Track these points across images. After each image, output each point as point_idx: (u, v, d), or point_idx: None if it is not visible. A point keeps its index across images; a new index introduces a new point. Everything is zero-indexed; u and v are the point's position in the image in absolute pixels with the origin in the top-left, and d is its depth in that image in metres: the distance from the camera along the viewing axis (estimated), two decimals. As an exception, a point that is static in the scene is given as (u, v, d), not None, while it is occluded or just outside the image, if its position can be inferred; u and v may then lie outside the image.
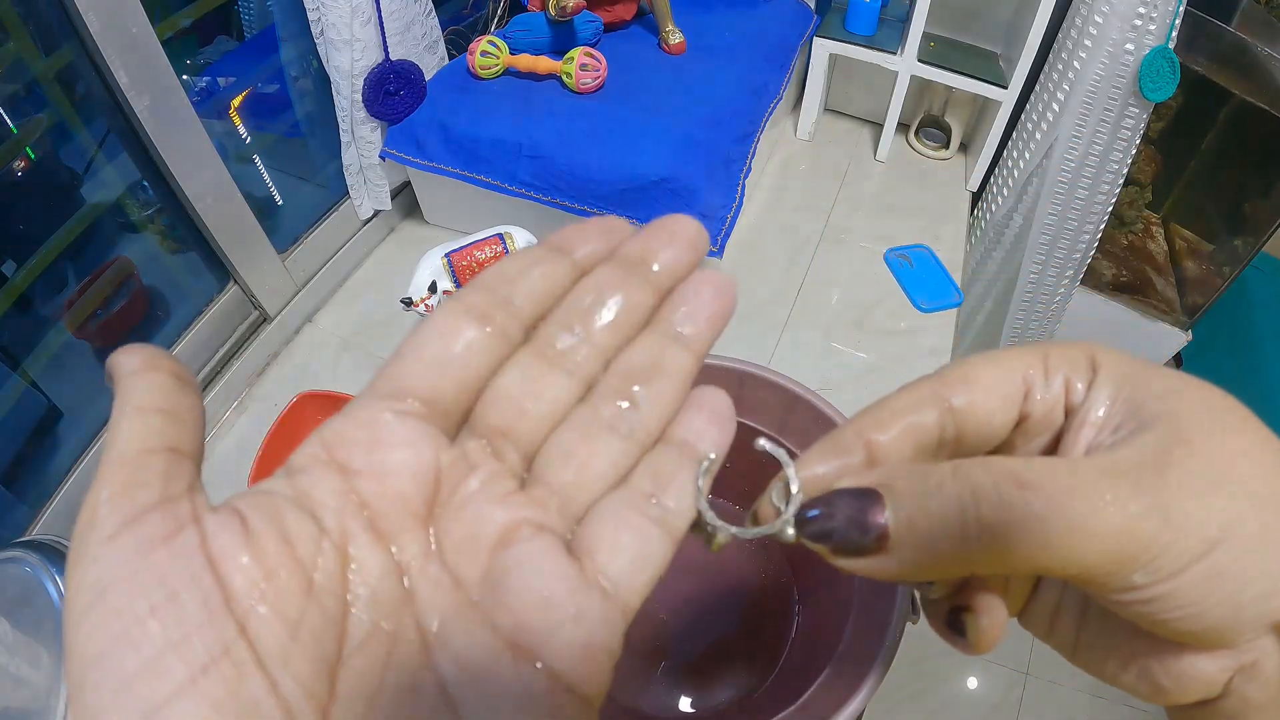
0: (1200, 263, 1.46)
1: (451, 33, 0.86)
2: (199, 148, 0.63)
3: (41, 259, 0.59)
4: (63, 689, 0.34)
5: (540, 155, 0.74)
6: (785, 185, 0.98)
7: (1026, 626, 0.21)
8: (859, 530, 0.17)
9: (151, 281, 0.69)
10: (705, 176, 0.72)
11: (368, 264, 0.87)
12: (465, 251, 0.66)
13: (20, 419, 0.60)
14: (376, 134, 0.79)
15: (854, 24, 0.94)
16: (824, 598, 0.44)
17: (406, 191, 0.89)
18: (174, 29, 0.66)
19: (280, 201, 0.82)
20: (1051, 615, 0.20)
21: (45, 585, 0.38)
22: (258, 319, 0.76)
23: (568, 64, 0.77)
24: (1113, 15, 0.77)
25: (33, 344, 0.61)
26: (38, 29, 0.53)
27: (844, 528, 0.17)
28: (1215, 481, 0.16)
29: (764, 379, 0.45)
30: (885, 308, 0.84)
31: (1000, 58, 0.95)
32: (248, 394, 0.75)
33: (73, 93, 0.58)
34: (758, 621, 0.49)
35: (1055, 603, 0.20)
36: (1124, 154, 0.88)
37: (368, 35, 0.70)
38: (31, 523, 0.58)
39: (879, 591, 0.36)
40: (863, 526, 0.17)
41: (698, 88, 0.80)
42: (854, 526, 0.17)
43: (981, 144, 0.96)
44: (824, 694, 0.35)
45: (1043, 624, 0.21)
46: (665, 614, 0.49)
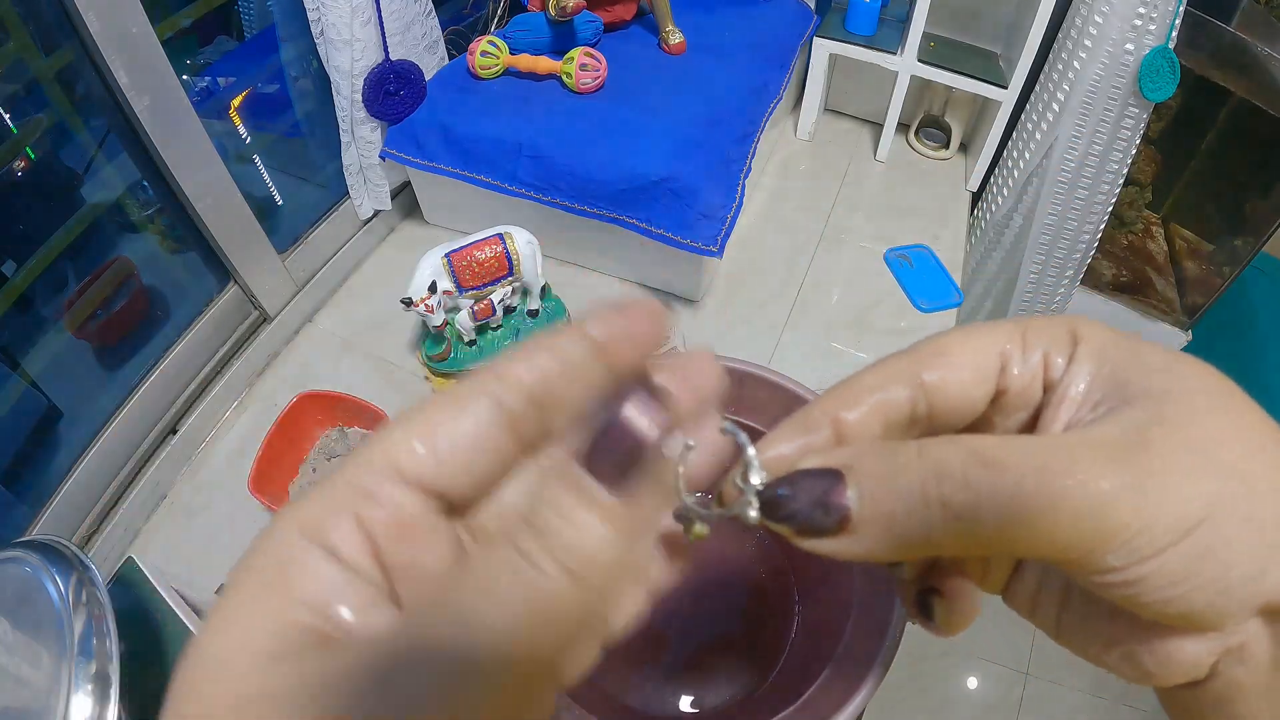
0: (1200, 263, 1.46)
1: (451, 33, 0.86)
2: (199, 148, 0.63)
3: (41, 259, 0.59)
4: (63, 689, 0.34)
5: (540, 155, 0.74)
6: (785, 185, 0.98)
7: (1010, 605, 0.21)
8: (821, 510, 0.16)
9: (151, 281, 0.69)
10: (705, 176, 0.73)
11: (368, 264, 0.87)
12: (465, 251, 0.66)
13: (20, 419, 0.60)
14: (376, 134, 0.79)
15: (854, 24, 0.94)
16: (824, 597, 0.44)
17: (406, 191, 0.89)
18: (174, 29, 0.66)
19: (280, 201, 0.82)
20: (1033, 595, 0.20)
21: (45, 585, 0.38)
22: (258, 319, 0.76)
23: (568, 64, 0.77)
24: (1113, 15, 0.77)
25: (33, 344, 0.61)
26: (38, 29, 0.53)
27: (806, 508, 0.16)
28: (1199, 461, 0.15)
29: (764, 379, 0.45)
30: (885, 308, 0.84)
31: (1000, 58, 0.95)
32: (248, 394, 0.75)
33: (73, 93, 0.58)
34: (758, 621, 0.49)
35: (1037, 583, 0.20)
36: (1124, 154, 0.88)
37: (368, 35, 0.70)
38: (31, 523, 0.58)
39: (879, 592, 0.36)
40: (825, 507, 0.16)
41: (698, 88, 0.80)
42: (816, 507, 0.16)
43: (981, 144, 0.96)
44: (824, 694, 0.35)
45: (1025, 604, 0.20)
46: (665, 614, 0.49)
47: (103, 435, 0.63)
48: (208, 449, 0.71)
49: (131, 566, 0.49)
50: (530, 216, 0.77)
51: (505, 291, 0.70)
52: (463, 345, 0.72)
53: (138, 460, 0.66)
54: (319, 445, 0.69)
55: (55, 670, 0.35)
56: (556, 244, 0.82)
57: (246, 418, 0.73)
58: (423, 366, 0.74)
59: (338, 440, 0.70)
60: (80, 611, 0.37)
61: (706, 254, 0.73)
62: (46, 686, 0.35)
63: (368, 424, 0.69)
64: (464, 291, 0.68)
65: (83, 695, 0.34)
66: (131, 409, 0.64)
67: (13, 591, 0.39)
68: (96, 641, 0.36)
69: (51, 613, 0.37)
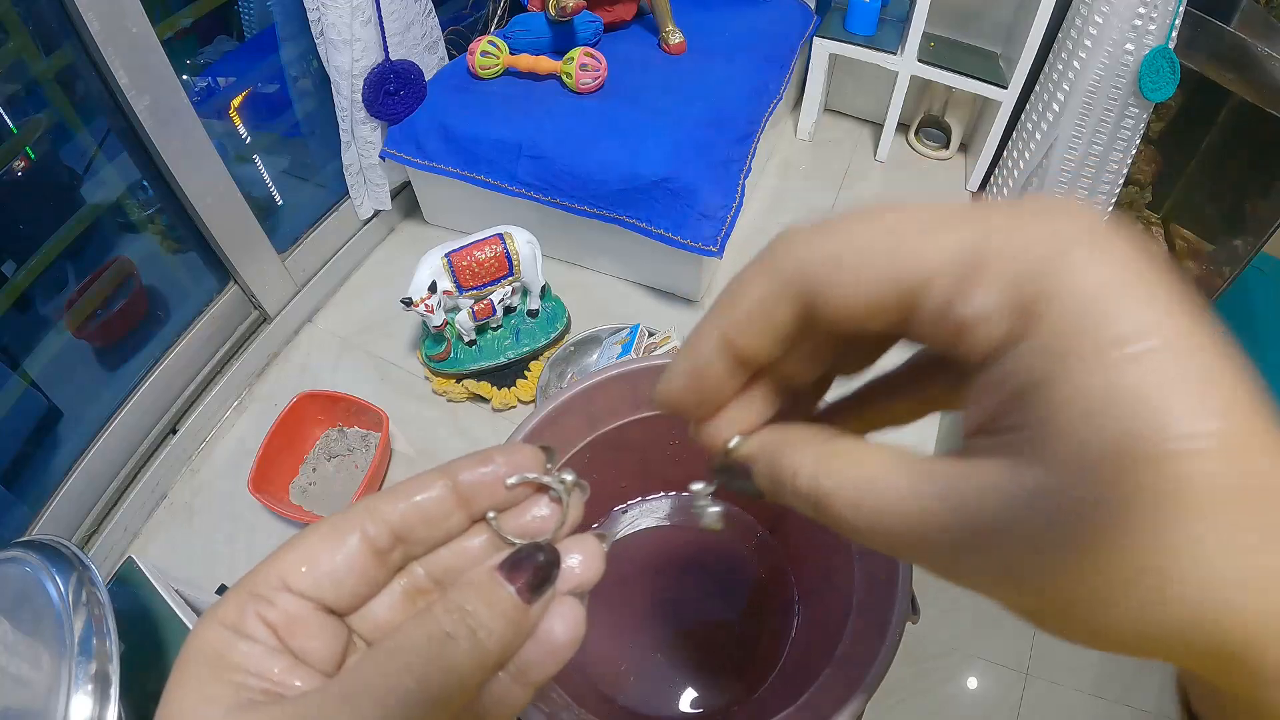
0: (1200, 263, 1.46)
1: (451, 33, 0.86)
2: (199, 148, 0.63)
3: (41, 259, 0.59)
4: (63, 689, 0.34)
5: (540, 155, 0.74)
6: (785, 185, 0.98)
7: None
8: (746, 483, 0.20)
9: (151, 281, 0.69)
10: (705, 176, 0.72)
11: (368, 264, 0.87)
12: (465, 251, 0.66)
13: (20, 419, 0.60)
14: (376, 134, 0.79)
15: (854, 24, 0.94)
16: (824, 598, 0.44)
17: (406, 191, 0.89)
18: (174, 29, 0.66)
19: (280, 201, 0.82)
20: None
21: (45, 585, 0.38)
22: (258, 319, 0.76)
23: (568, 64, 0.77)
24: (1113, 15, 0.77)
25: (33, 344, 0.61)
26: (38, 29, 0.53)
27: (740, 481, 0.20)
28: None
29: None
30: (885, 308, 0.83)
31: (1000, 58, 0.95)
32: (248, 394, 0.75)
33: (73, 93, 0.58)
34: (758, 621, 0.49)
35: None
36: (1124, 154, 0.88)
37: (368, 35, 0.70)
38: (31, 523, 0.58)
39: (879, 592, 0.36)
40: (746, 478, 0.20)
41: (697, 88, 0.80)
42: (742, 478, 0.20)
43: (981, 144, 0.96)
44: (824, 694, 0.35)
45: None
46: (665, 614, 0.49)
47: (103, 435, 0.63)
48: (208, 449, 0.71)
49: (131, 566, 0.49)
50: (530, 216, 0.77)
51: (505, 291, 0.70)
52: (463, 345, 0.72)
53: (138, 460, 0.66)
54: (319, 445, 0.69)
55: (55, 670, 0.35)
56: (556, 244, 0.82)
57: (246, 418, 0.73)
58: (423, 366, 0.74)
59: (337, 440, 0.70)
60: (80, 611, 0.37)
61: (707, 254, 0.73)
62: (46, 686, 0.35)
63: (367, 424, 0.69)
64: (464, 291, 0.68)
65: (83, 695, 0.34)
66: (131, 409, 0.64)
67: (13, 591, 0.39)
68: (96, 641, 0.36)
69: (51, 613, 0.37)
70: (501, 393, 0.72)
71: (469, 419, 0.72)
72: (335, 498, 0.66)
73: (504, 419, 0.72)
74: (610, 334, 0.72)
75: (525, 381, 0.73)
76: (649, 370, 0.43)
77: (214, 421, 0.72)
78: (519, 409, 0.73)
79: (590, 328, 0.74)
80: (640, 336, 0.70)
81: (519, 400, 0.72)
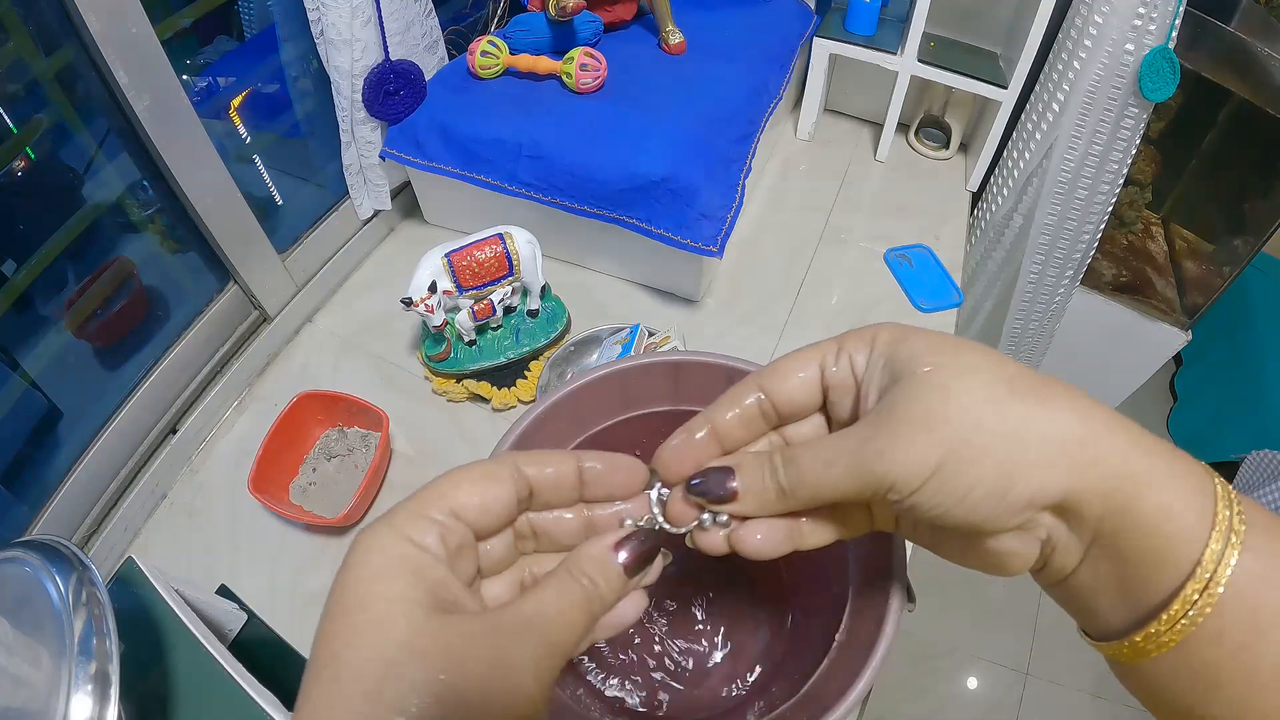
0: (1200, 263, 1.46)
1: (451, 33, 0.86)
2: (199, 148, 0.63)
3: (41, 259, 0.59)
4: (63, 689, 0.34)
5: (540, 155, 0.74)
6: (785, 185, 0.98)
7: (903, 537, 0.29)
8: (721, 488, 0.26)
9: (151, 281, 0.69)
10: (705, 176, 0.73)
11: (368, 264, 0.87)
12: (465, 251, 0.66)
13: (20, 419, 0.60)
14: (376, 134, 0.79)
15: (854, 24, 0.94)
16: (820, 589, 0.44)
17: (406, 191, 0.89)
18: (174, 29, 0.66)
19: (280, 201, 0.82)
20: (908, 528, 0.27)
21: (45, 585, 0.38)
22: (258, 319, 0.76)
23: (568, 64, 0.77)
24: (1113, 15, 0.77)
25: (33, 344, 0.61)
26: (38, 29, 0.53)
27: (714, 487, 0.26)
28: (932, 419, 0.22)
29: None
30: (885, 308, 0.84)
31: (1000, 58, 0.95)
32: (248, 394, 0.75)
33: (73, 93, 0.58)
34: (755, 612, 0.49)
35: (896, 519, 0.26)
36: (1124, 154, 0.88)
37: (368, 35, 0.70)
38: (31, 523, 0.58)
39: (876, 582, 0.36)
40: (723, 486, 0.26)
41: (697, 88, 0.80)
42: (718, 486, 0.26)
43: (981, 144, 0.96)
44: (825, 683, 0.35)
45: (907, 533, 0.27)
46: (662, 607, 0.49)
47: (103, 435, 0.63)
48: (208, 449, 0.71)
49: (131, 566, 0.49)
50: (530, 216, 0.77)
51: (505, 291, 0.70)
52: (463, 345, 0.72)
53: (138, 460, 0.66)
54: (319, 445, 0.69)
55: (55, 670, 0.35)
56: (556, 244, 0.82)
57: (246, 418, 0.73)
58: (423, 366, 0.74)
59: (337, 440, 0.70)
60: (80, 611, 0.37)
61: (707, 254, 0.73)
62: (46, 686, 0.35)
63: (367, 424, 0.69)
64: (464, 291, 0.68)
65: (83, 695, 0.34)
66: (131, 409, 0.65)
67: (13, 591, 0.39)
68: (96, 641, 0.36)
69: (51, 613, 0.37)
70: (502, 393, 0.72)
71: (469, 419, 0.72)
72: (335, 498, 0.66)
73: (504, 419, 0.72)
74: (610, 334, 0.72)
75: (525, 381, 0.73)
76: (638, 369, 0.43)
77: (214, 421, 0.72)
78: (519, 409, 0.73)
79: (590, 328, 0.74)
80: (640, 336, 0.70)
81: (519, 400, 0.72)
